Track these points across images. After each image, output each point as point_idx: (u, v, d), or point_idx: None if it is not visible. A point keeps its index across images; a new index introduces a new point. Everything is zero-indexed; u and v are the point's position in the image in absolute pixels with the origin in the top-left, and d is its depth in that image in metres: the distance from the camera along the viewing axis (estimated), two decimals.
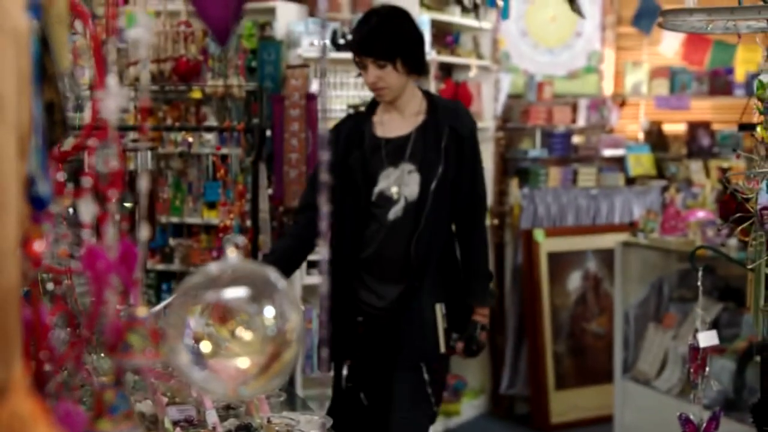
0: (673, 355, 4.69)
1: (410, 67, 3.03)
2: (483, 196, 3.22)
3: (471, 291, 3.13)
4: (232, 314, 0.71)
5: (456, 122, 3.08)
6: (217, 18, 0.69)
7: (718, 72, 6.78)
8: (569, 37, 6.64)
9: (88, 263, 0.67)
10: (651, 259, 4.91)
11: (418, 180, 3.04)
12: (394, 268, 3.08)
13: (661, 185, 6.27)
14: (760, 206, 2.10)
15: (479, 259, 3.17)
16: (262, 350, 0.70)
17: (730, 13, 2.09)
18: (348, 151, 3.09)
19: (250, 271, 0.73)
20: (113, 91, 0.67)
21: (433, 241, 3.05)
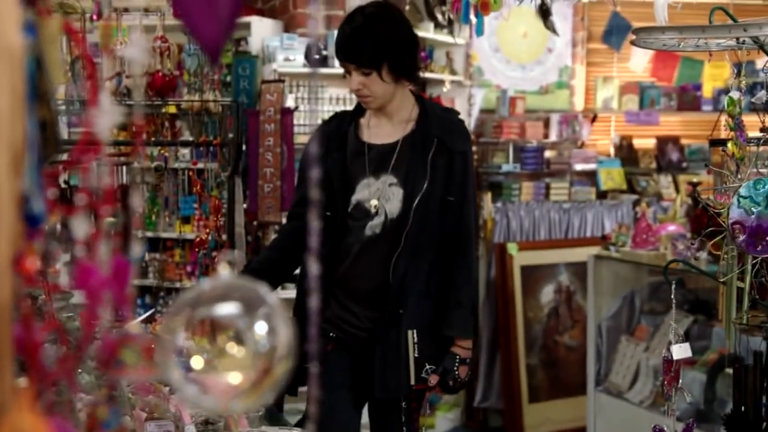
0: (645, 368, 4.73)
1: (398, 74, 2.75)
2: (472, 219, 2.87)
3: (450, 321, 2.80)
4: (224, 330, 0.72)
5: (447, 135, 2.79)
6: (208, 35, 0.70)
7: (686, 88, 6.88)
8: (541, 53, 6.71)
9: (81, 280, 0.68)
10: (623, 272, 4.95)
11: (400, 195, 2.76)
12: (370, 291, 2.80)
13: (631, 199, 6.34)
14: (731, 221, 2.13)
15: (463, 289, 2.83)
16: (253, 365, 0.71)
17: (701, 31, 2.13)
18: (328, 151, 2.83)
19: (241, 287, 0.74)
20: (107, 108, 0.68)
21: (417, 264, 2.77)
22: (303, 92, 5.18)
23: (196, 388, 0.71)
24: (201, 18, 0.69)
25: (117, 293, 0.70)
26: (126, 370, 0.68)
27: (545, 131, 6.44)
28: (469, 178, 2.84)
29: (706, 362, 4.38)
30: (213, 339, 0.71)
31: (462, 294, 2.81)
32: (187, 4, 0.69)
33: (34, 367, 0.72)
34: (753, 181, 2.14)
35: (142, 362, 0.68)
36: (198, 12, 0.69)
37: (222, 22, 0.69)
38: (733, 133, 2.22)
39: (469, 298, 2.84)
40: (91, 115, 0.67)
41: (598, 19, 6.82)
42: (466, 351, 2.81)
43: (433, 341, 2.79)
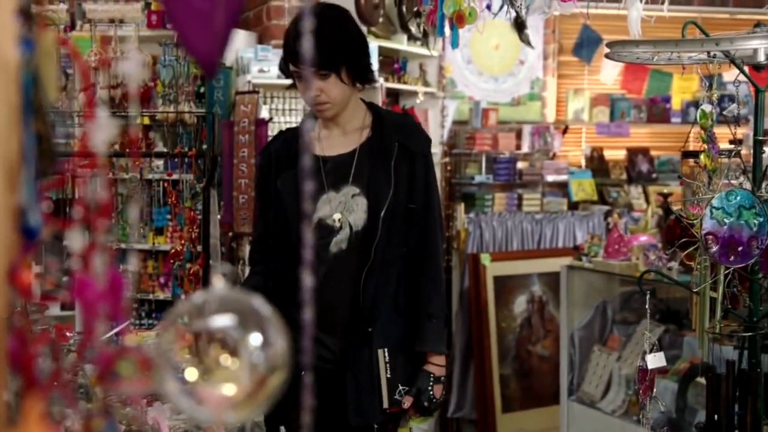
0: (617, 377, 4.76)
1: (356, 76, 2.60)
2: (438, 226, 2.70)
3: (422, 335, 2.63)
4: (218, 342, 0.73)
5: (406, 138, 2.65)
6: (204, 51, 0.71)
7: (655, 100, 6.96)
8: (513, 65, 6.76)
9: (78, 293, 0.68)
10: (595, 282, 4.99)
11: (365, 205, 2.59)
12: (340, 314, 2.60)
13: (602, 210, 6.40)
14: (704, 231, 2.17)
15: (433, 300, 2.65)
16: (248, 377, 0.72)
17: (675, 45, 2.16)
18: (278, 173, 2.66)
19: (235, 299, 0.75)
20: (103, 122, 0.68)
21: (387, 278, 2.61)
22: (277, 103, 5.19)
23: (191, 399, 0.71)
24: (196, 33, 0.70)
25: (113, 306, 0.71)
26: (122, 383, 0.68)
27: (517, 142, 6.49)
28: (431, 182, 2.70)
29: (678, 371, 4.42)
30: (207, 351, 0.72)
31: (432, 306, 2.64)
32: (183, 19, 0.70)
33: (28, 380, 0.73)
34: (725, 193, 2.18)
35: (138, 374, 0.68)
36: (193, 27, 0.70)
37: (217, 37, 0.70)
38: (706, 145, 2.25)
39: (439, 309, 2.66)
40: (87, 127, 0.68)
41: (569, 32, 6.89)
42: (440, 368, 2.65)
43: (406, 359, 2.63)
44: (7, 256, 0.71)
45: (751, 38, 2.15)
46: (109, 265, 0.71)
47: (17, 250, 0.69)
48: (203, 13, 0.70)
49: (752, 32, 2.23)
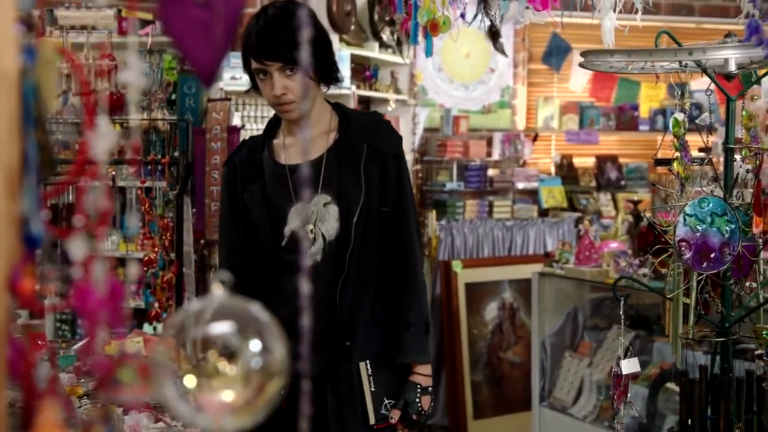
0: (588, 383, 4.80)
1: (322, 73, 2.46)
2: (413, 229, 2.58)
3: (403, 346, 2.50)
4: (217, 348, 0.73)
5: (375, 138, 2.51)
6: (203, 62, 0.72)
7: (623, 108, 7.04)
8: (483, 72, 6.81)
9: (79, 301, 0.68)
10: (566, 288, 5.03)
11: (336, 213, 2.46)
12: (317, 328, 2.33)
13: (572, 217, 6.46)
14: (678, 238, 2.20)
15: (413, 309, 2.52)
16: (247, 383, 0.73)
17: (648, 55, 2.20)
18: (243, 186, 2.53)
19: (233, 306, 0.75)
20: (104, 131, 0.69)
21: (364, 288, 2.50)
22: (249, 110, 5.19)
23: (190, 406, 0.72)
24: (195, 43, 0.70)
25: (112, 313, 0.71)
26: (123, 390, 0.69)
27: (488, 150, 6.53)
28: (404, 182, 2.55)
29: (648, 377, 4.47)
30: (206, 357, 0.72)
31: (412, 314, 2.51)
32: (181, 29, 0.71)
33: (26, 388, 0.73)
34: (698, 200, 2.21)
35: (139, 382, 0.69)
36: (192, 37, 0.71)
37: (216, 47, 0.71)
38: (679, 153, 2.29)
39: (420, 317, 2.53)
40: (88, 136, 0.68)
41: (538, 41, 6.95)
42: (426, 378, 2.52)
43: (389, 370, 2.51)
44: (8, 264, 0.71)
45: (722, 48, 2.19)
46: (109, 273, 0.72)
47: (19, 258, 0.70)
48: (202, 23, 0.71)
49: (723, 42, 2.27)
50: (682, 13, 7.35)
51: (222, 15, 0.69)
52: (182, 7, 0.71)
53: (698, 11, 7.47)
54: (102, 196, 0.69)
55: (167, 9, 0.71)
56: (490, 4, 2.81)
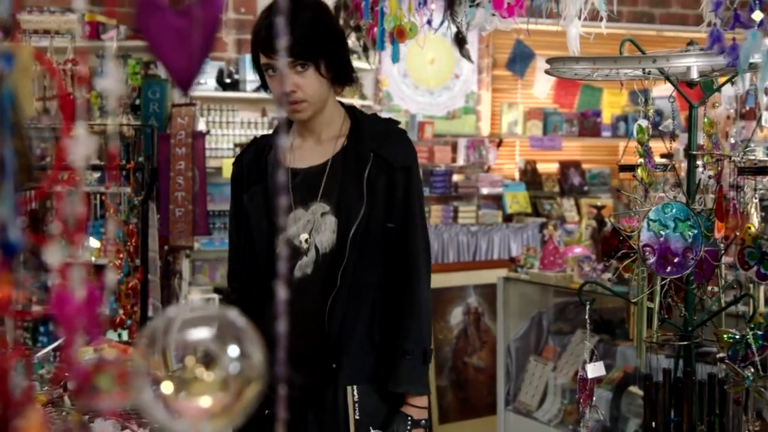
0: (553, 387, 4.84)
1: (335, 70, 2.30)
2: (420, 248, 2.36)
3: (397, 374, 2.29)
4: (195, 354, 0.74)
5: (384, 148, 2.33)
6: (181, 69, 0.72)
7: (586, 114, 7.12)
8: (448, 78, 6.85)
9: (57, 307, 0.68)
10: (530, 293, 5.07)
11: (333, 225, 2.29)
12: (303, 346, 2.24)
13: (536, 222, 6.51)
14: (642, 243, 2.23)
15: (412, 334, 2.30)
16: (225, 389, 0.73)
17: (613, 62, 2.23)
18: (248, 186, 2.40)
19: (211, 312, 0.75)
20: (82, 138, 0.69)
21: (358, 307, 2.30)
22: (215, 116, 5.17)
23: (168, 412, 0.72)
24: (173, 51, 0.71)
25: (90, 320, 0.71)
26: (101, 396, 0.68)
27: (453, 155, 6.57)
28: (413, 199, 2.35)
29: (611, 380, 4.51)
30: (184, 363, 0.73)
31: (410, 340, 2.29)
32: (159, 37, 0.71)
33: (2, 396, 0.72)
34: (662, 205, 2.24)
35: (117, 388, 0.69)
36: (170, 45, 0.71)
37: (195, 55, 0.71)
38: (642, 159, 2.32)
39: (419, 344, 2.30)
40: (66, 143, 0.68)
41: (502, 47, 7.00)
42: (420, 411, 2.33)
43: (379, 398, 2.31)
44: None
45: (685, 56, 2.22)
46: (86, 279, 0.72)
47: None
48: (179, 30, 0.71)
49: (686, 50, 2.31)
50: (643, 20, 7.45)
51: (200, 22, 0.70)
52: (159, 14, 0.71)
53: (659, 19, 7.58)
54: (78, 202, 0.69)
55: (144, 15, 0.71)
56: (456, 11, 2.83)
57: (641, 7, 7.50)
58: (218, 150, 5.28)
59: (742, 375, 2.20)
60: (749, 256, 2.20)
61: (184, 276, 4.91)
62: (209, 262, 5.46)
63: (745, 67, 1.92)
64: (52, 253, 0.68)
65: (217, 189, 5.40)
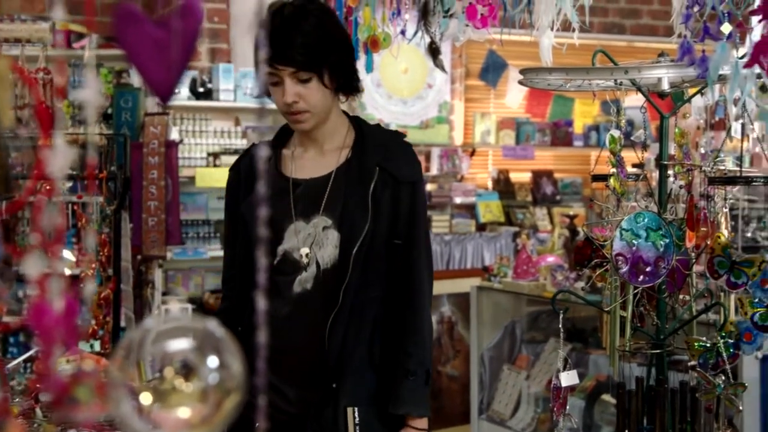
0: (526, 395, 4.86)
1: (339, 81, 2.22)
2: (423, 267, 2.30)
3: (399, 395, 2.23)
4: (174, 365, 0.74)
5: (390, 161, 2.25)
6: (160, 80, 0.72)
7: (558, 124, 7.17)
8: (421, 88, 6.87)
9: (35, 318, 0.68)
10: (503, 302, 5.09)
11: (336, 240, 2.21)
12: (302, 363, 2.23)
13: (510, 231, 6.54)
14: (615, 252, 2.24)
15: (414, 355, 2.24)
16: (204, 400, 0.73)
17: (586, 73, 2.25)
18: (245, 194, 2.31)
19: (189, 323, 0.75)
20: (61, 149, 0.69)
21: (359, 326, 2.23)
22: (188, 125, 5.15)
23: (146, 423, 0.72)
24: (152, 62, 0.71)
25: (67, 331, 0.71)
26: (79, 408, 0.68)
27: (426, 165, 6.59)
28: (418, 215, 2.29)
29: (585, 389, 4.54)
30: (163, 375, 0.73)
31: (413, 361, 2.23)
32: (139, 49, 0.71)
33: None
34: (634, 215, 2.26)
35: (95, 399, 0.69)
36: (150, 57, 0.71)
37: (174, 67, 0.71)
38: (615, 169, 2.34)
39: (421, 365, 2.26)
40: (44, 154, 0.68)
41: (475, 57, 7.04)
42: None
43: (380, 420, 2.26)
44: None
45: (656, 67, 2.25)
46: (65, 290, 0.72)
47: None
48: (159, 41, 0.71)
49: (657, 62, 2.33)
50: (613, 31, 7.53)
51: (179, 34, 0.70)
52: (138, 25, 0.71)
53: (629, 30, 7.66)
54: (57, 213, 0.69)
55: (123, 27, 0.71)
56: (430, 21, 2.85)
57: (612, 18, 7.57)
58: (191, 159, 5.27)
59: (714, 383, 2.22)
60: (719, 265, 2.22)
61: (157, 286, 4.89)
62: (182, 272, 5.43)
63: (715, 78, 1.95)
64: (31, 265, 0.68)
65: (191, 198, 5.37)
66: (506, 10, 2.59)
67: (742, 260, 2.20)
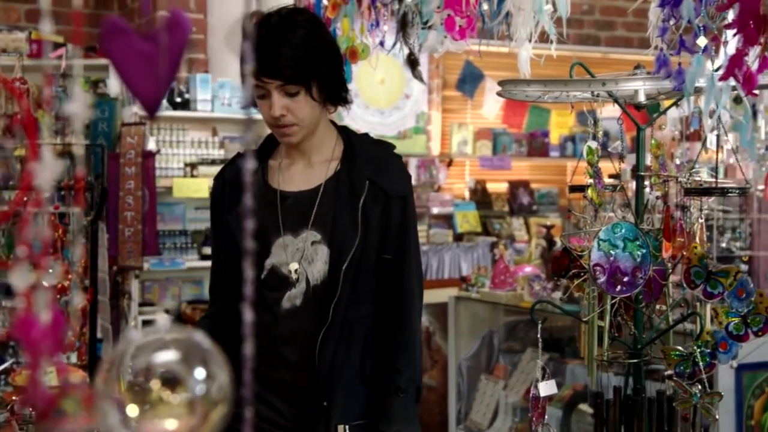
0: (503, 405, 4.87)
1: (328, 93, 2.16)
2: (414, 282, 2.27)
3: (390, 413, 2.19)
4: (161, 377, 0.74)
5: (381, 176, 2.20)
6: (147, 93, 0.72)
7: (535, 134, 7.22)
8: (398, 99, 6.89)
9: (22, 331, 0.68)
10: (481, 312, 5.11)
11: (325, 255, 2.16)
12: (293, 380, 2.19)
13: (486, 241, 6.57)
14: (592, 263, 2.26)
15: (405, 372, 2.20)
16: (191, 411, 0.73)
17: (564, 85, 2.27)
18: (231, 205, 2.24)
19: (177, 334, 0.76)
20: (48, 162, 0.69)
21: (350, 343, 2.19)
22: (165, 135, 5.13)
23: None
24: (140, 75, 0.71)
25: (54, 344, 0.71)
26: (66, 420, 0.68)
27: None
28: (409, 230, 2.25)
29: (562, 398, 4.56)
30: (150, 386, 0.73)
31: (403, 378, 2.19)
32: (126, 62, 0.71)
33: None
34: (611, 225, 2.28)
35: (82, 412, 0.69)
36: (137, 69, 0.71)
37: (161, 79, 0.71)
38: (592, 180, 2.36)
39: (411, 381, 2.22)
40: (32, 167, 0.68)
41: (452, 68, 7.08)
42: None
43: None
44: None
45: (633, 79, 2.27)
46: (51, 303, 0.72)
47: None
48: (146, 54, 0.71)
49: (633, 74, 2.36)
50: (588, 42, 7.60)
51: (167, 47, 0.70)
52: (125, 38, 0.71)
53: (604, 41, 7.73)
54: (45, 225, 0.69)
55: (110, 40, 0.72)
56: (408, 33, 2.86)
57: (587, 30, 7.64)
58: (168, 169, 5.25)
59: (690, 392, 2.24)
60: (696, 275, 2.25)
61: (134, 297, 4.86)
62: (159, 283, 5.40)
63: (691, 91, 1.97)
64: (18, 277, 0.68)
65: (168, 209, 5.35)
66: (485, 22, 2.61)
67: (718, 270, 2.23)
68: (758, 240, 4.54)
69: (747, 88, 1.77)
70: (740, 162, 3.04)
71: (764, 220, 4.50)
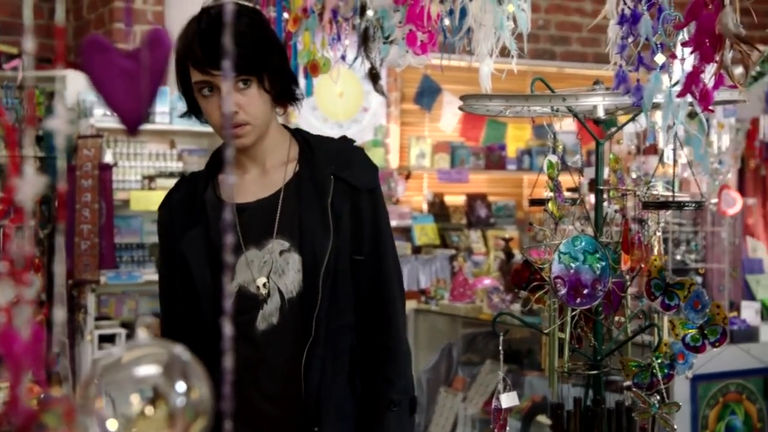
0: (462, 417, 4.90)
1: (279, 89, 2.00)
2: (394, 275, 2.11)
3: (384, 428, 2.03)
4: (142, 391, 0.74)
5: (345, 169, 2.04)
6: (128, 110, 0.73)
7: (492, 148, 7.28)
8: (357, 111, 6.91)
9: (4, 346, 0.68)
10: (440, 325, 5.14)
11: (297, 263, 1.98)
12: (276, 410, 2.01)
13: (445, 254, 6.61)
14: (553, 275, 2.29)
15: (397, 383, 2.05)
16: (171, 424, 0.73)
17: (525, 100, 2.30)
18: (183, 232, 2.04)
19: (157, 348, 0.76)
20: (30, 177, 0.69)
21: (336, 357, 2.02)
22: (122, 147, 5.09)
23: None
24: (119, 93, 0.71)
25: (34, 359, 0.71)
26: None
27: None
28: (382, 224, 2.07)
29: (520, 410, 4.60)
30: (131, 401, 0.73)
31: (396, 390, 2.04)
32: (106, 79, 0.71)
33: None
34: (571, 238, 2.31)
35: (63, 426, 0.69)
36: (117, 87, 0.72)
37: (142, 97, 0.72)
38: (553, 193, 2.39)
39: (405, 393, 2.07)
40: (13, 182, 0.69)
41: (410, 81, 7.12)
42: None
43: None
44: None
45: (592, 95, 2.31)
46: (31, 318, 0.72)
47: None
48: (126, 72, 0.72)
49: (592, 89, 2.40)
50: (545, 57, 7.69)
51: (147, 65, 0.71)
52: (106, 56, 0.72)
53: (559, 56, 7.83)
54: (28, 241, 0.69)
55: (91, 58, 0.72)
56: (370, 47, 2.88)
57: (543, 45, 7.73)
58: (126, 182, 5.21)
59: (649, 402, 2.27)
60: (655, 287, 2.29)
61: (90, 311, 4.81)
62: (116, 296, 5.34)
63: (650, 106, 2.01)
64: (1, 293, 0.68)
65: (125, 222, 5.31)
66: (446, 37, 2.63)
67: (674, 282, 2.27)
68: (711, 252, 4.63)
69: (704, 104, 1.82)
70: (695, 175, 3.11)
71: (717, 233, 4.60)
